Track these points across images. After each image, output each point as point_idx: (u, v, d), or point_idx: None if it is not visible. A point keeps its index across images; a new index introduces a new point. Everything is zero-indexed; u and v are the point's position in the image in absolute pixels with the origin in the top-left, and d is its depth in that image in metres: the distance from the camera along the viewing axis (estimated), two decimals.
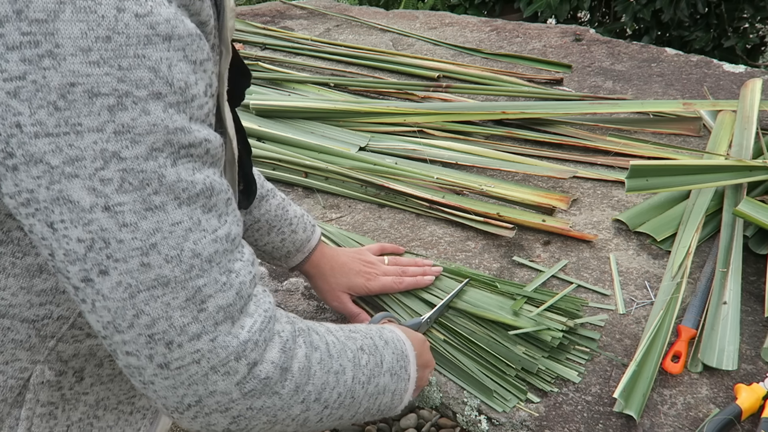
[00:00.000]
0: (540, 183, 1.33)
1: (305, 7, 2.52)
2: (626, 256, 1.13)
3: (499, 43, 2.08)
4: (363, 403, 0.68)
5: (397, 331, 0.79)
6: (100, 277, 0.50)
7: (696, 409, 0.86)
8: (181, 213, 0.51)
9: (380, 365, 0.71)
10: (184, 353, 0.52)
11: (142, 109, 0.48)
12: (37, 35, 0.46)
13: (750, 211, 1.08)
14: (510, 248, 1.17)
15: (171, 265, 0.51)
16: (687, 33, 2.77)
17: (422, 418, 1.75)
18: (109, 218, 0.49)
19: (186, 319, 0.52)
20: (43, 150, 0.47)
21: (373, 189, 1.34)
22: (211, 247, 0.53)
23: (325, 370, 0.62)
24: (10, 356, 0.61)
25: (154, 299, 0.51)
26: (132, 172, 0.49)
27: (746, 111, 1.40)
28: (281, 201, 0.98)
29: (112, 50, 0.47)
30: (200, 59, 0.52)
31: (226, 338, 0.54)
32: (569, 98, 1.62)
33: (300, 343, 0.60)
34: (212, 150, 0.54)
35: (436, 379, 0.94)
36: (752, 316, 1.00)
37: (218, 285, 0.53)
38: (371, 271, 1.04)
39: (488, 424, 0.88)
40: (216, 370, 0.53)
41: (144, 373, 0.53)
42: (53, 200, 0.49)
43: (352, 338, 0.69)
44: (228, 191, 0.56)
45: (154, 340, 0.52)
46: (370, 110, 1.58)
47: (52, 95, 0.46)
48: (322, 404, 0.62)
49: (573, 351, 0.95)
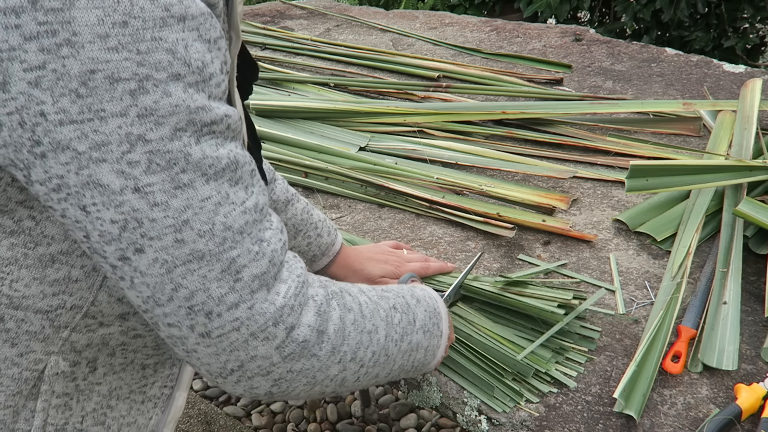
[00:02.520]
0: (540, 183, 1.33)
1: (305, 7, 2.52)
2: (626, 256, 1.14)
3: (499, 43, 2.08)
4: (397, 360, 0.70)
5: (428, 290, 0.82)
6: (136, 255, 0.52)
7: (696, 409, 0.86)
8: (209, 188, 0.53)
9: (413, 323, 0.73)
10: (223, 322, 0.54)
11: (163, 92, 0.50)
12: (53, 24, 0.46)
13: (750, 211, 1.08)
14: (510, 248, 1.17)
15: (204, 239, 0.52)
16: (687, 33, 2.77)
17: (422, 418, 1.75)
18: (140, 199, 0.50)
19: (223, 290, 0.54)
20: (69, 137, 0.48)
21: (373, 189, 1.34)
22: (242, 219, 0.55)
23: (359, 330, 0.64)
24: (25, 348, 0.62)
25: (190, 273, 0.53)
26: (158, 153, 0.50)
27: (746, 111, 1.40)
28: (305, 205, 1.00)
29: (130, 35, 0.48)
30: (214, 37, 0.53)
31: (263, 305, 0.56)
32: (569, 98, 1.62)
33: (334, 305, 0.62)
34: (233, 125, 0.56)
35: (436, 379, 0.94)
36: (752, 316, 1.00)
37: (251, 255, 0.55)
38: (398, 260, 1.06)
39: (488, 424, 0.88)
40: (255, 336, 0.55)
41: (187, 342, 0.55)
42: (83, 185, 0.50)
43: (384, 297, 0.71)
44: (251, 162, 0.58)
45: (194, 311, 0.54)
46: (370, 110, 1.58)
47: (73, 83, 0.47)
48: (358, 363, 0.64)
49: (572, 352, 0.95)
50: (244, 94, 0.72)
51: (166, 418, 0.75)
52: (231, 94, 0.63)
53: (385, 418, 1.77)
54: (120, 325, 0.65)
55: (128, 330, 0.66)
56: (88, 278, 0.60)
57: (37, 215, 0.57)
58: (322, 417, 1.77)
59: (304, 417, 1.80)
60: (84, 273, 0.60)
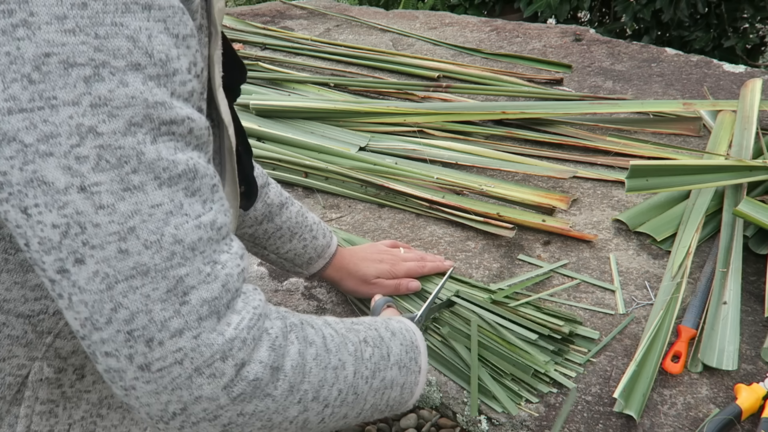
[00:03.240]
0: (540, 183, 1.33)
1: (305, 7, 2.52)
2: (626, 256, 1.13)
3: (499, 43, 2.08)
4: (369, 399, 0.64)
5: (405, 321, 0.75)
6: (76, 267, 0.47)
7: (696, 409, 0.86)
8: (161, 194, 0.48)
9: (387, 358, 0.67)
10: (165, 352, 0.48)
11: (119, 81, 0.46)
12: (11, 3, 0.44)
13: (750, 211, 1.08)
14: (510, 248, 1.17)
15: (150, 252, 0.48)
16: (687, 33, 2.77)
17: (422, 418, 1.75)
18: (85, 200, 0.46)
19: (167, 313, 0.48)
20: (17, 127, 0.45)
21: (373, 189, 1.34)
22: (194, 234, 0.50)
23: (322, 366, 0.58)
24: (7, 353, 0.60)
25: (132, 290, 0.48)
26: (109, 149, 0.46)
27: (746, 111, 1.40)
28: (299, 208, 0.99)
29: (89, 17, 0.45)
30: (183, 34, 0.50)
31: (211, 335, 0.50)
32: (569, 98, 1.62)
33: (292, 339, 0.56)
34: (196, 130, 0.51)
35: (436, 379, 0.94)
36: (752, 316, 1.00)
37: (202, 275, 0.50)
38: (393, 259, 1.05)
39: (488, 424, 0.88)
40: (200, 371, 0.49)
41: (124, 376, 0.49)
42: (27, 182, 0.46)
43: (354, 330, 0.65)
44: (214, 178, 0.53)
45: (134, 337, 0.48)
46: (370, 110, 1.58)
47: (26, 67, 0.45)
48: (321, 403, 0.58)
49: (571, 353, 0.95)
50: (232, 97, 0.69)
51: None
52: (214, 94, 0.61)
53: (385, 418, 1.77)
54: None
55: None
56: None
57: None
58: None
59: None
60: None
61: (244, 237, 0.94)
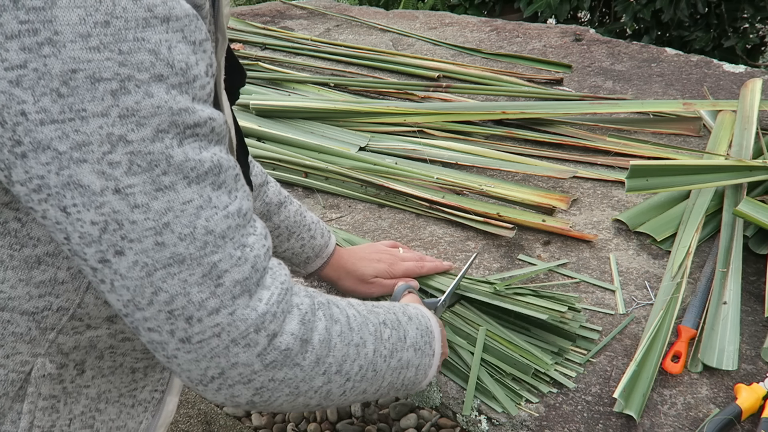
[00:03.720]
0: (540, 183, 1.33)
1: (305, 7, 2.52)
2: (626, 256, 1.13)
3: (499, 43, 2.08)
4: (386, 376, 0.69)
5: (421, 308, 0.80)
6: (116, 258, 0.51)
7: (696, 409, 0.86)
8: (191, 191, 0.52)
9: (403, 340, 0.72)
10: (204, 327, 0.53)
11: (145, 92, 0.49)
12: (35, 23, 0.46)
13: (750, 211, 1.08)
14: (510, 248, 1.17)
15: (185, 243, 0.52)
16: (687, 33, 2.77)
17: (422, 418, 1.75)
18: (121, 200, 0.50)
19: (204, 295, 0.53)
20: (50, 137, 0.48)
21: (373, 189, 1.34)
22: (224, 223, 0.54)
23: (346, 343, 0.63)
24: (11, 349, 0.61)
25: (171, 276, 0.52)
26: (139, 155, 0.50)
27: (746, 111, 1.40)
28: (298, 207, 1.00)
29: (112, 35, 0.47)
30: (199, 39, 0.52)
31: (245, 311, 0.55)
32: (569, 98, 1.62)
33: (320, 315, 0.61)
34: (217, 128, 0.55)
35: (436, 379, 0.94)
36: (752, 316, 1.00)
37: (233, 260, 0.54)
38: (392, 258, 1.05)
39: (488, 424, 0.88)
40: (236, 342, 0.54)
41: (167, 347, 0.54)
42: (64, 185, 0.49)
43: (374, 313, 0.70)
44: (236, 167, 0.57)
45: (174, 315, 0.53)
46: (370, 110, 1.58)
47: (54, 82, 0.47)
48: (343, 376, 0.63)
49: (571, 352, 0.95)
50: (231, 99, 0.71)
51: (156, 422, 0.74)
52: (218, 98, 0.62)
53: (385, 418, 1.77)
54: (108, 327, 0.64)
55: (116, 333, 0.65)
56: (74, 280, 0.60)
57: (23, 217, 0.57)
58: (322, 417, 1.77)
59: (304, 417, 1.80)
60: (70, 275, 0.60)
61: None
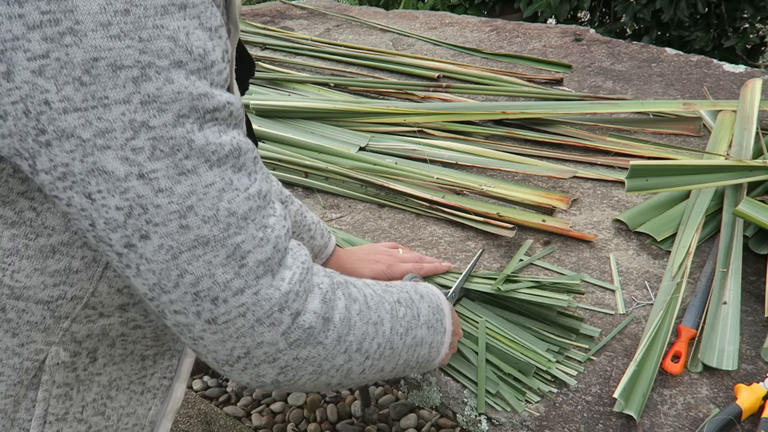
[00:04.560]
0: (540, 183, 1.33)
1: (305, 7, 2.52)
2: (626, 256, 1.14)
3: (499, 43, 2.08)
4: (402, 354, 0.71)
5: (431, 287, 0.82)
6: (141, 242, 0.52)
7: (696, 409, 0.86)
8: (212, 174, 0.53)
9: (417, 318, 0.73)
10: (229, 308, 0.55)
11: (165, 78, 0.50)
12: (56, 13, 0.47)
13: (750, 211, 1.08)
14: (510, 248, 1.17)
15: (209, 225, 0.53)
16: (687, 33, 2.77)
17: (422, 418, 1.75)
18: (145, 185, 0.51)
19: (228, 276, 0.54)
20: (74, 125, 0.49)
21: (373, 189, 1.34)
22: (245, 205, 0.55)
23: (365, 321, 0.64)
24: (26, 338, 0.62)
25: (196, 258, 0.53)
26: (162, 140, 0.51)
27: (746, 111, 1.40)
28: (299, 207, 1.00)
29: (131, 23, 0.48)
30: (215, 26, 0.54)
31: (269, 291, 0.56)
32: (569, 98, 1.62)
33: (339, 294, 0.63)
34: (235, 112, 0.56)
35: (436, 378, 0.94)
36: (752, 316, 1.00)
37: (256, 240, 0.56)
38: (390, 259, 1.06)
39: (488, 424, 0.88)
40: (261, 321, 0.56)
41: (193, 329, 0.56)
42: (88, 172, 0.50)
43: (389, 292, 0.72)
44: (254, 150, 0.58)
45: (200, 297, 0.54)
46: (370, 110, 1.58)
47: (76, 71, 0.48)
48: (363, 354, 0.65)
49: (571, 352, 0.95)
50: (242, 90, 0.73)
51: (165, 409, 0.76)
52: (231, 86, 0.63)
53: (385, 418, 1.77)
54: (120, 316, 0.65)
55: (128, 321, 0.66)
56: (88, 269, 0.61)
57: (38, 206, 0.58)
58: (322, 417, 1.76)
59: (304, 417, 1.80)
60: (84, 264, 0.61)
61: None
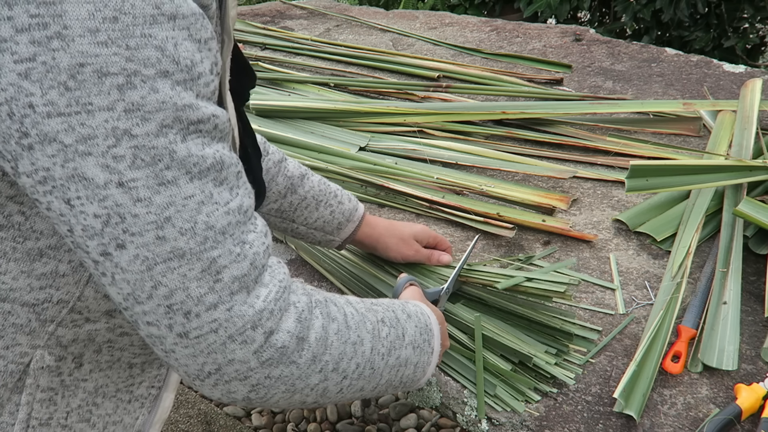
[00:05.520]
0: (540, 183, 1.33)
1: (305, 7, 2.52)
2: (626, 256, 1.14)
3: (499, 43, 2.08)
4: (384, 374, 0.69)
5: (421, 305, 0.81)
6: (117, 251, 0.52)
7: (696, 409, 0.86)
8: (193, 187, 0.53)
9: (402, 338, 0.72)
10: (202, 323, 0.54)
11: (150, 88, 0.50)
12: (45, 17, 0.47)
13: (750, 211, 1.08)
14: (510, 248, 1.17)
15: (186, 238, 0.52)
16: (687, 33, 2.77)
17: (422, 418, 1.75)
18: (124, 194, 0.50)
19: (202, 290, 0.54)
20: (56, 129, 0.49)
21: (373, 189, 1.34)
22: (224, 219, 0.55)
23: (343, 341, 0.64)
24: (11, 341, 0.62)
25: (170, 271, 0.53)
26: (143, 149, 0.50)
27: (746, 111, 1.40)
28: (321, 178, 1.01)
29: (120, 30, 0.48)
30: (204, 38, 0.53)
31: (242, 307, 0.55)
32: (569, 98, 1.62)
33: (317, 314, 0.62)
34: (220, 125, 0.56)
35: (436, 379, 0.94)
36: (752, 316, 1.00)
37: (232, 256, 0.55)
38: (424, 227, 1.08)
39: (488, 424, 0.88)
40: (233, 338, 0.55)
41: (165, 342, 0.55)
42: (68, 178, 0.50)
43: (372, 311, 0.70)
44: (238, 165, 0.58)
45: (173, 310, 0.53)
46: (370, 110, 1.58)
47: (62, 76, 0.48)
48: (340, 374, 0.63)
49: (571, 352, 0.95)
50: (240, 101, 0.72)
51: (152, 418, 0.75)
52: (222, 98, 0.63)
53: (385, 418, 1.77)
54: (107, 321, 0.65)
55: (115, 327, 0.66)
56: (75, 273, 0.61)
57: (27, 210, 0.58)
58: (322, 417, 1.76)
59: (304, 417, 1.80)
60: (71, 268, 0.61)
61: (271, 213, 0.96)
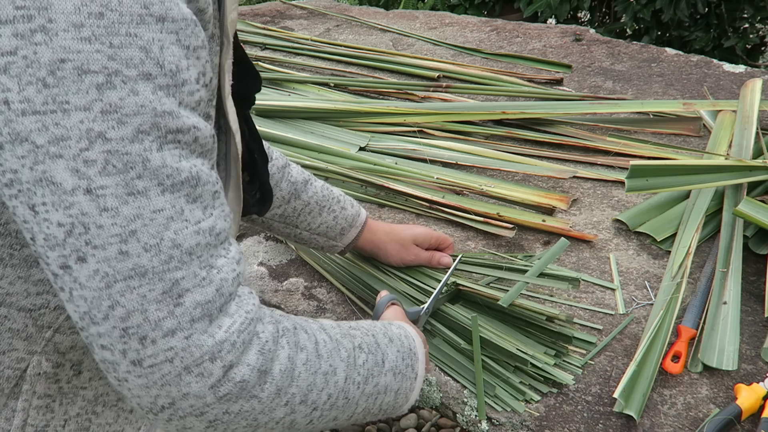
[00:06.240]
0: (540, 183, 1.33)
1: (305, 7, 2.52)
2: (626, 256, 1.13)
3: (499, 43, 2.08)
4: (360, 403, 0.66)
5: (406, 327, 0.77)
6: (78, 264, 0.49)
7: (696, 409, 0.86)
8: (163, 200, 0.50)
9: (381, 364, 0.68)
10: (157, 350, 0.51)
11: (130, 89, 0.48)
12: (30, 9, 0.46)
13: (750, 211, 1.08)
14: (510, 248, 1.17)
15: (149, 255, 0.50)
16: (687, 33, 2.77)
17: (422, 418, 1.75)
18: (90, 202, 0.48)
19: (161, 314, 0.50)
20: (29, 128, 0.47)
21: (373, 189, 1.34)
22: (193, 239, 0.52)
23: (312, 371, 0.60)
24: (7, 346, 0.61)
25: (130, 290, 0.50)
26: (116, 154, 0.48)
27: (746, 111, 1.40)
28: (324, 183, 1.01)
29: (104, 27, 0.47)
30: (194, 45, 0.51)
31: (201, 337, 0.52)
32: (569, 98, 1.62)
33: (283, 343, 0.58)
34: (201, 139, 0.53)
35: (436, 379, 0.94)
36: (752, 316, 1.00)
37: (197, 279, 0.52)
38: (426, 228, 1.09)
39: (488, 424, 0.88)
40: (189, 370, 0.51)
41: (118, 369, 0.52)
42: (36, 181, 0.48)
43: (349, 336, 0.66)
44: (216, 184, 0.55)
45: (128, 334, 0.50)
46: (370, 110, 1.58)
47: (41, 71, 0.46)
48: (309, 406, 0.60)
49: (570, 353, 0.95)
50: (246, 105, 0.70)
51: (155, 429, 0.74)
52: (223, 102, 0.62)
53: (385, 418, 1.77)
54: None
55: None
56: None
57: None
58: None
59: None
60: None
61: (275, 218, 0.96)
